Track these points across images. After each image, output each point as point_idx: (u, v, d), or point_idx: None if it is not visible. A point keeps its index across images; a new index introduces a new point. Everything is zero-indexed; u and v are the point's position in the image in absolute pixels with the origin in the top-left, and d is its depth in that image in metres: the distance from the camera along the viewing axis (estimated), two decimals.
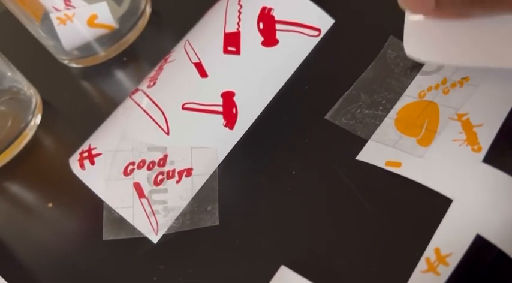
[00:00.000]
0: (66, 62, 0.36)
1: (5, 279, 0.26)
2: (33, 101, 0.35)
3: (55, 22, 0.32)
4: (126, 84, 0.34)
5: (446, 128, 0.22)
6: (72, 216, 0.29)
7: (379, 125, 0.24)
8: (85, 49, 0.34)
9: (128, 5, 0.35)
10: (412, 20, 0.20)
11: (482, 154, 0.20)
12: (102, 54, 0.35)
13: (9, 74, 0.35)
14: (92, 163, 0.26)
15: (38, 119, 0.35)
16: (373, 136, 0.24)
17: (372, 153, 0.23)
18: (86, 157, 0.27)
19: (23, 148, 0.33)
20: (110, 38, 0.34)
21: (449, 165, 0.21)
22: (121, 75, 0.34)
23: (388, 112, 0.24)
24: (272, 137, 0.26)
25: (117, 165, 0.26)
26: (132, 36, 0.35)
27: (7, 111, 0.35)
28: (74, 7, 0.32)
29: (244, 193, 0.25)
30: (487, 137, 0.21)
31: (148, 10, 0.36)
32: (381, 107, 0.25)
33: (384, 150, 0.23)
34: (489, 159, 0.20)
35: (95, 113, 0.33)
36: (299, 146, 0.25)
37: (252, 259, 0.23)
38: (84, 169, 0.26)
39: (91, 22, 0.33)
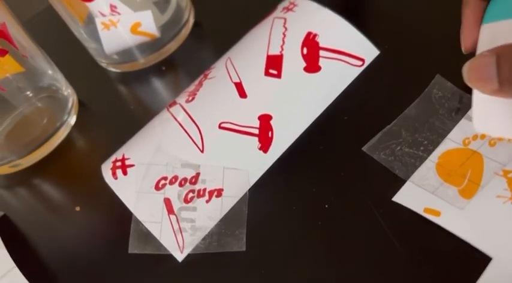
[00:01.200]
0: (104, 65, 0.36)
1: (26, 277, 0.26)
2: (70, 101, 0.36)
3: (99, 26, 0.32)
4: (163, 93, 0.34)
5: (491, 182, 0.21)
6: (99, 222, 0.29)
7: (419, 166, 0.23)
8: (125, 55, 0.34)
9: (171, 14, 0.35)
10: (480, 95, 0.20)
11: None
12: (142, 61, 0.35)
13: (49, 72, 0.35)
14: (125, 173, 0.27)
15: (73, 119, 0.35)
16: (412, 177, 0.23)
17: (410, 196, 0.22)
18: (118, 167, 0.27)
19: (56, 147, 0.34)
20: (151, 46, 0.34)
21: (492, 222, 0.20)
22: (158, 84, 0.34)
23: (429, 154, 0.24)
24: (306, 165, 0.26)
25: (150, 178, 0.26)
26: (172, 46, 0.35)
27: (44, 108, 0.35)
28: (119, 13, 0.32)
29: (274, 221, 0.25)
30: None
31: (191, 21, 0.36)
32: (422, 147, 0.24)
33: (422, 194, 0.22)
34: None
35: (130, 118, 0.33)
36: (334, 178, 0.25)
37: None
38: (116, 178, 0.26)
39: (134, 29, 0.33)
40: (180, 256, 0.24)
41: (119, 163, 0.27)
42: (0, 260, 0.27)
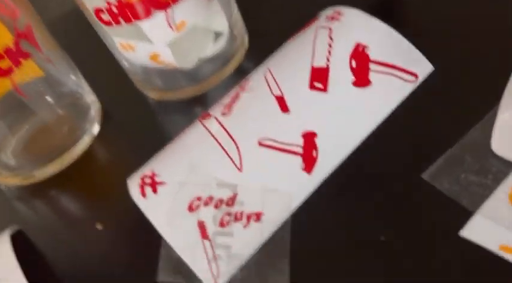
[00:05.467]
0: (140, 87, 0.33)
1: None
2: (94, 109, 0.34)
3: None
4: (196, 104, 0.32)
5: None
6: (122, 243, 0.26)
7: (488, 196, 0.21)
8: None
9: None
10: (501, 117, 0.20)
11: None
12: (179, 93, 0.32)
13: (72, 77, 0.33)
14: (155, 191, 0.24)
15: (96, 128, 0.33)
16: (482, 209, 0.21)
17: (481, 231, 0.20)
18: (148, 184, 0.25)
19: (77, 158, 0.32)
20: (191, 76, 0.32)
21: None
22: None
23: (499, 183, 0.21)
24: (357, 190, 0.24)
25: (182, 198, 0.24)
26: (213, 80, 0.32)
27: (65, 116, 0.33)
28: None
29: (321, 252, 0.22)
30: None
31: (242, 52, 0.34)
32: (490, 176, 0.22)
33: (496, 229, 0.20)
34: None
35: (158, 130, 0.31)
36: (390, 208, 0.22)
37: None
38: (145, 196, 0.24)
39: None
40: None
41: (148, 180, 0.25)
42: None
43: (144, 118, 0.32)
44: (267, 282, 0.21)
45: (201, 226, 0.23)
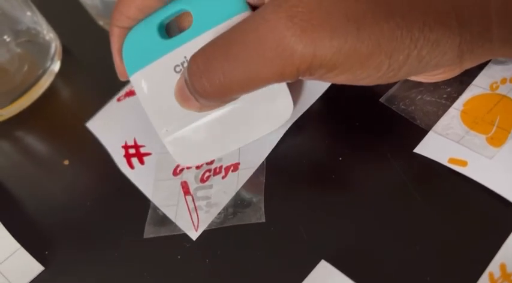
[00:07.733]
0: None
1: (13, 236, 0.24)
2: (53, 46, 0.33)
3: None
4: None
5: None
6: (90, 177, 0.27)
7: (442, 115, 0.22)
8: None
9: None
10: (166, 139, 0.22)
11: None
12: None
13: (28, 13, 0.32)
14: (142, 163, 0.26)
15: (57, 66, 0.32)
16: (435, 127, 0.21)
17: (433, 147, 0.21)
18: (133, 155, 0.26)
19: (40, 96, 0.31)
20: None
21: None
22: None
23: (453, 102, 0.22)
24: (317, 116, 0.24)
25: (168, 166, 0.25)
26: None
27: (24, 54, 0.32)
28: None
29: (284, 181, 0.23)
30: None
31: None
32: (445, 95, 0.22)
33: (447, 144, 0.20)
34: None
35: None
36: (347, 129, 0.23)
37: (291, 251, 0.21)
38: (133, 168, 0.25)
39: None
40: (194, 235, 0.23)
41: (132, 151, 0.26)
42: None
43: (105, 53, 0.31)
44: (243, 220, 0.22)
45: (184, 185, 0.24)
